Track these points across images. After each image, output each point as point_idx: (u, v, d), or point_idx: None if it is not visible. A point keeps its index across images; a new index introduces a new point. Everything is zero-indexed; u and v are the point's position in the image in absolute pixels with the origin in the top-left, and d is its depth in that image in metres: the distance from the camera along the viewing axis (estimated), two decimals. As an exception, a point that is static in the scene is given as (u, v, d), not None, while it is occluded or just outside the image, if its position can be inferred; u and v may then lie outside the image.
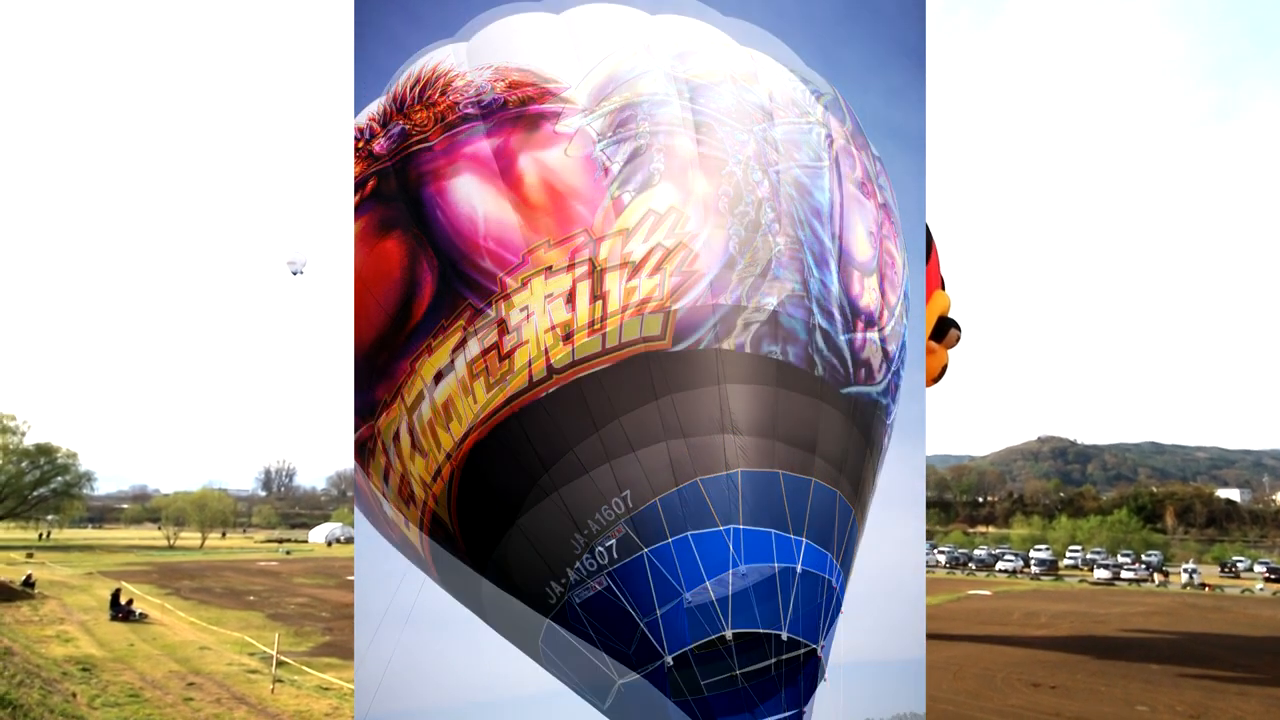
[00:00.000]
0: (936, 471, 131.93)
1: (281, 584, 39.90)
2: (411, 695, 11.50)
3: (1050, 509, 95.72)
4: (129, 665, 19.71)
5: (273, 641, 19.98)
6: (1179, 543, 79.18)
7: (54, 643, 22.60)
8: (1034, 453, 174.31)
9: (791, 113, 11.52)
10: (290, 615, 30.02)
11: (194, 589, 36.99)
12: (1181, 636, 28.61)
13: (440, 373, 9.72)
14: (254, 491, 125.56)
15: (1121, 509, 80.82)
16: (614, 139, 10.16)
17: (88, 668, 19.05)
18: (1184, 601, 42.24)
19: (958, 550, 69.74)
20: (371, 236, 10.32)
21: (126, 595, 29.43)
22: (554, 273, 9.57)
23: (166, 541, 71.59)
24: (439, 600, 10.84)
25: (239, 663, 20.50)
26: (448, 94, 10.61)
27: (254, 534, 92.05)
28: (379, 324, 10.15)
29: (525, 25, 11.18)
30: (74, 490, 70.29)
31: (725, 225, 10.05)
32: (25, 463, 65.93)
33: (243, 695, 17.13)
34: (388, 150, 10.57)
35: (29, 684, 14.96)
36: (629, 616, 8.54)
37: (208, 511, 76.81)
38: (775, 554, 8.90)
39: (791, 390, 9.84)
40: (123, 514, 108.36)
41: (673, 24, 11.71)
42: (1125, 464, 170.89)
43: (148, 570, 45.87)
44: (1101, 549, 68.41)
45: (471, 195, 9.94)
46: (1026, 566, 60.89)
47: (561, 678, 9.41)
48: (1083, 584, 52.95)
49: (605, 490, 8.94)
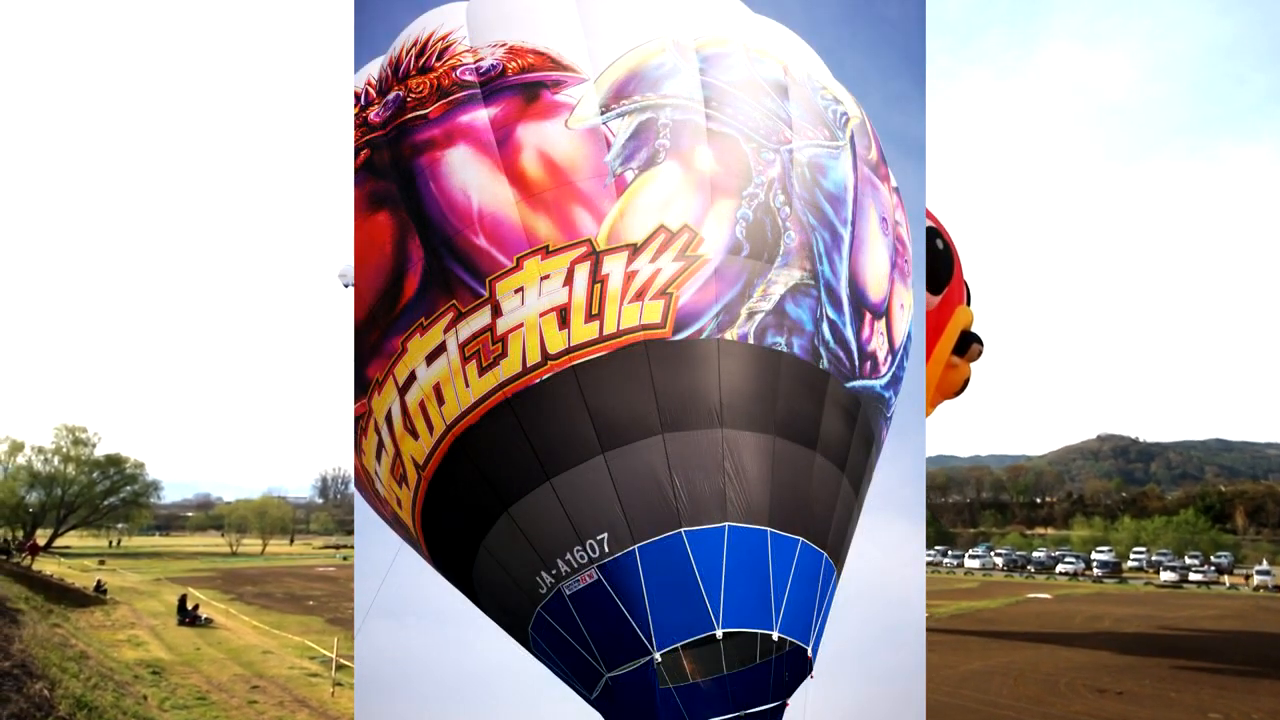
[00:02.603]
0: (992, 472, 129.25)
1: (339, 589, 40.75)
2: (410, 684, 11.61)
3: (1112, 509, 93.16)
4: (196, 669, 20.35)
5: (332, 645, 20.44)
6: (1250, 543, 76.18)
7: (125, 647, 23.46)
8: (1094, 451, 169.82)
9: (808, 87, 10.88)
10: (348, 619, 30.61)
11: (256, 594, 38.04)
12: (1255, 640, 27.52)
13: (432, 354, 9.24)
14: (311, 498, 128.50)
15: (1188, 509, 78.35)
16: (617, 111, 9.49)
17: (157, 671, 19.72)
18: (1257, 604, 40.67)
19: (1015, 552, 68.15)
20: (364, 209, 9.82)
21: (193, 600, 30.38)
22: (550, 253, 9.03)
23: (229, 548, 73.68)
24: (436, 590, 10.61)
25: (300, 666, 21.02)
26: (444, 58, 9.99)
27: (312, 540, 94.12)
28: (369, 301, 9.68)
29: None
30: (142, 499, 72.97)
31: (733, 208, 9.42)
32: (96, 473, 68.54)
33: (304, 698, 17.57)
34: (383, 120, 10.03)
35: (103, 686, 15.52)
36: (618, 610, 8.27)
37: (268, 518, 78.95)
38: (770, 552, 8.63)
39: (795, 383, 9.36)
40: (188, 521, 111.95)
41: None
42: (1191, 462, 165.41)
43: (212, 576, 47.32)
44: (1168, 550, 66.18)
45: (466, 169, 9.37)
46: (1088, 569, 59.35)
47: (551, 667, 9.19)
48: (1148, 587, 51.40)
49: (599, 482, 8.60)
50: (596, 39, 9.85)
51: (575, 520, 8.58)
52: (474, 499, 9.14)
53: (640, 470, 8.57)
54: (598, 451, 8.62)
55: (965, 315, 17.57)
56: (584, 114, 9.40)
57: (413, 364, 9.31)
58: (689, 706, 8.64)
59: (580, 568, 8.49)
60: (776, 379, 9.23)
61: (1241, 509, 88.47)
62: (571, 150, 9.27)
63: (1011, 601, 39.87)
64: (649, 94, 9.60)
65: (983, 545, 77.26)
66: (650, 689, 8.03)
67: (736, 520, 8.58)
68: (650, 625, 8.09)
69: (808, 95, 10.73)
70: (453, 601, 10.23)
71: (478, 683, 11.78)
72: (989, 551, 69.43)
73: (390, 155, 9.72)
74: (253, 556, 68.04)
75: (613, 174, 9.22)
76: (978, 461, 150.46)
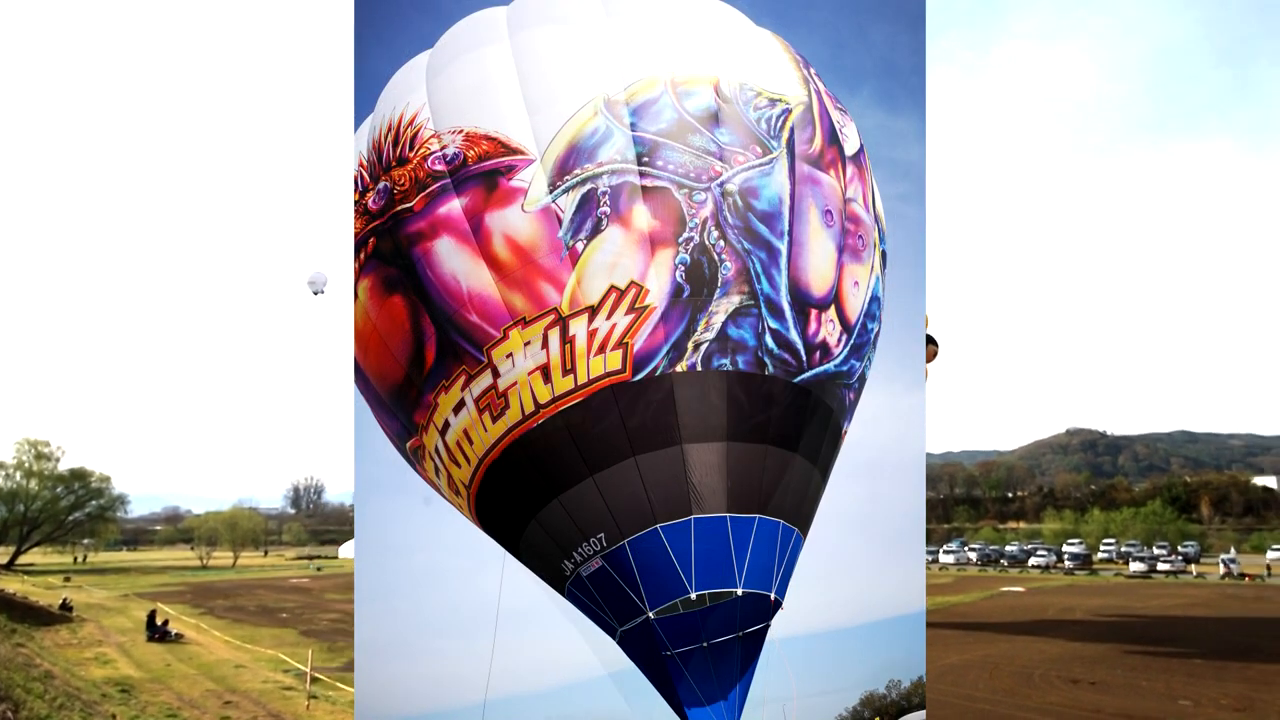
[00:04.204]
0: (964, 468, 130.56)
1: (313, 600, 40.25)
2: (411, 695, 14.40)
3: (1082, 502, 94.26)
4: (166, 685, 19.96)
5: (306, 658, 20.15)
6: (1215, 532, 77.62)
7: (93, 665, 22.94)
8: (1063, 446, 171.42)
9: (739, 101, 11.85)
10: (323, 631, 30.26)
11: (227, 608, 37.45)
12: (1222, 628, 28.08)
13: (456, 406, 11.77)
14: (283, 509, 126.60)
15: (1155, 500, 79.26)
16: (563, 187, 11.17)
17: (126, 689, 19.31)
18: (1223, 592, 41.46)
19: (989, 547, 69.00)
20: (380, 293, 12.14)
21: (162, 616, 29.85)
22: (528, 323, 11.17)
23: (199, 561, 72.48)
24: (440, 603, 13.62)
25: (274, 680, 20.70)
26: (416, 146, 11.85)
27: (284, 551, 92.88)
28: (404, 365, 12.11)
29: (475, 66, 12.00)
30: (108, 514, 71.40)
31: (671, 256, 11.09)
32: (60, 488, 67.07)
33: (278, 712, 17.30)
34: (379, 209, 12.08)
35: (70, 706, 15.15)
36: (620, 587, 11.11)
37: (239, 530, 77.73)
38: (730, 531, 11.06)
39: (741, 393, 11.25)
40: (156, 535, 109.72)
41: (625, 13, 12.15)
42: (1157, 454, 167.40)
43: (182, 590, 46.52)
44: (1136, 541, 67.23)
45: (452, 258, 11.45)
46: (1060, 561, 60.12)
47: (583, 618, 12.04)
48: (1118, 578, 52.14)
49: (592, 497, 11.18)
50: (538, 114, 11.43)
51: (580, 525, 11.32)
52: (507, 511, 12.16)
53: (621, 485, 11.08)
54: (588, 474, 11.18)
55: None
56: (536, 195, 11.19)
57: (445, 414, 11.93)
58: (674, 639, 11.18)
59: (589, 558, 11.33)
60: (724, 395, 11.19)
61: (1206, 499, 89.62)
62: (530, 232, 11.16)
63: (986, 595, 40.30)
64: (587, 165, 11.20)
65: (956, 540, 78.00)
66: (649, 635, 11.07)
67: (700, 513, 11.00)
68: (643, 595, 10.95)
69: (739, 113, 11.82)
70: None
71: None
72: (963, 546, 70.18)
73: (391, 244, 11.93)
74: (224, 569, 66.91)
75: (566, 247, 11.07)
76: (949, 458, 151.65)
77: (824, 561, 12.94)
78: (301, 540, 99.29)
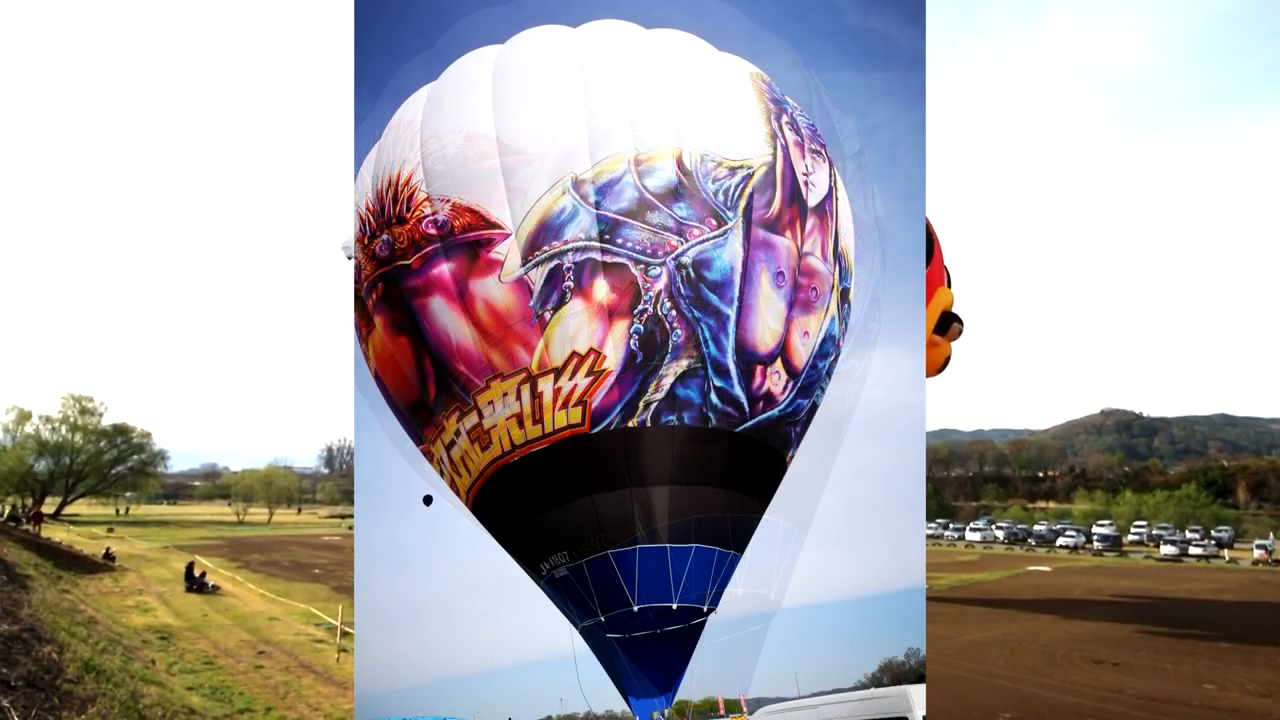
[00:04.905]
0: (995, 446, 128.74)
1: (345, 557, 41.14)
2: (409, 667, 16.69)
3: (1114, 484, 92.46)
4: (203, 634, 20.62)
5: (337, 613, 20.69)
6: (1252, 518, 75.97)
7: (134, 612, 23.76)
8: (1097, 426, 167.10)
9: (699, 173, 13.04)
10: (353, 587, 30.90)
11: (262, 562, 38.45)
12: (1252, 613, 27.69)
13: (455, 433, 13.88)
14: (317, 468, 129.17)
15: (1190, 483, 77.62)
16: (534, 262, 12.74)
17: (165, 636, 19.99)
18: (1255, 577, 40.76)
19: (1016, 526, 68.18)
20: (391, 332, 14.12)
21: (200, 568, 30.73)
22: (505, 378, 13.11)
23: (236, 517, 74.36)
24: (437, 587, 15.83)
25: (306, 633, 21.29)
26: (412, 208, 13.46)
27: (317, 509, 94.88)
28: (417, 390, 14.11)
29: (462, 138, 13.24)
30: (149, 468, 73.37)
31: (626, 327, 12.67)
32: (104, 442, 68.95)
33: (309, 664, 17.82)
34: (386, 256, 13.84)
35: (111, 651, 15.73)
36: (580, 595, 13.44)
37: (274, 488, 79.53)
38: (670, 559, 13.15)
39: (685, 445, 13.02)
40: (195, 491, 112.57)
41: (598, 60, 13.36)
42: (1194, 437, 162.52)
43: (219, 544, 47.76)
44: (1168, 525, 66.13)
45: (443, 315, 13.32)
46: (1089, 542, 59.25)
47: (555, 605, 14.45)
48: (1148, 560, 51.38)
49: (556, 523, 13.47)
50: (514, 192, 12.85)
51: (550, 542, 13.73)
52: (498, 521, 14.50)
53: (581, 516, 13.29)
54: (555, 505, 13.41)
55: (945, 296, 19.42)
56: (510, 268, 12.84)
57: (449, 436, 14.06)
58: (624, 628, 13.34)
59: (558, 566, 13.71)
60: (670, 446, 13.01)
61: (1244, 484, 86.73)
62: (506, 300, 12.90)
63: (1011, 574, 40.01)
64: (554, 242, 12.70)
65: (984, 519, 77.07)
66: (601, 632, 13.40)
67: (644, 544, 13.12)
68: (597, 604, 13.33)
69: (698, 186, 12.99)
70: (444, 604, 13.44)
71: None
72: (990, 525, 69.41)
73: (398, 292, 13.79)
74: (259, 525, 68.59)
75: (536, 315, 12.79)
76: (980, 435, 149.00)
77: (833, 539, 14.95)
78: (334, 499, 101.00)
